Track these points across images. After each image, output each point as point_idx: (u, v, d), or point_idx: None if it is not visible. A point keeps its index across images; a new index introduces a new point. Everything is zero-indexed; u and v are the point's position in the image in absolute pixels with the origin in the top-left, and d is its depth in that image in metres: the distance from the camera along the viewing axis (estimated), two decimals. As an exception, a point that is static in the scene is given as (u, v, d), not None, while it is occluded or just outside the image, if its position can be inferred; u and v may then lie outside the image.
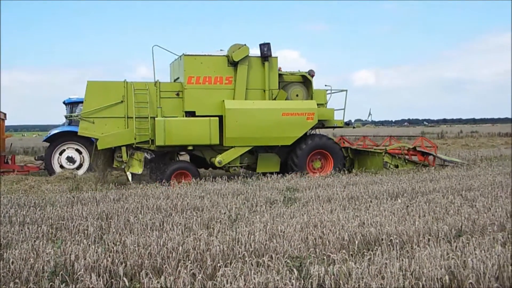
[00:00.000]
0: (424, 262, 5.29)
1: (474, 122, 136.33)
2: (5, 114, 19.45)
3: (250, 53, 14.91)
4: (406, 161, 16.25)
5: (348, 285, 4.92)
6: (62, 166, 18.03)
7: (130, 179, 14.06)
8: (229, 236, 6.80)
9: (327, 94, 16.51)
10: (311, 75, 15.97)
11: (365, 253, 5.97)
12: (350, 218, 7.88)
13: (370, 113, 20.03)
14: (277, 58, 15.37)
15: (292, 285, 4.83)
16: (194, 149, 14.70)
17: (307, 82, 16.02)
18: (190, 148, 14.58)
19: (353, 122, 17.88)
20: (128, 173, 14.19)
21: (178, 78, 15.38)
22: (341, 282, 4.97)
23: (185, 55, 14.60)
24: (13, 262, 5.61)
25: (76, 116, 15.99)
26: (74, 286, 5.11)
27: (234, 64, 14.85)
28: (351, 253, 6.15)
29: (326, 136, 16.40)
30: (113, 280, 5.33)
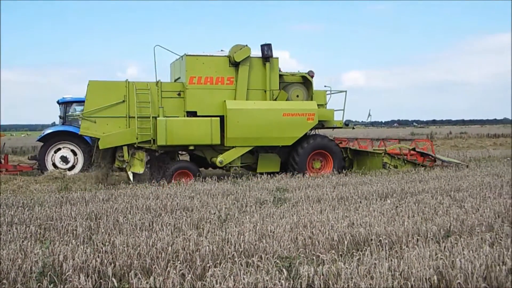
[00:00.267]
0: (412, 262, 5.32)
1: (463, 123, 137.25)
2: None
3: (251, 53, 15.01)
4: (405, 161, 16.37)
5: (337, 285, 4.93)
6: (54, 165, 17.96)
7: (131, 179, 14.05)
8: (218, 236, 6.79)
9: (327, 95, 16.64)
10: (311, 76, 16.08)
11: (354, 253, 5.99)
12: (340, 219, 7.90)
13: (369, 114, 20.17)
14: (278, 59, 15.48)
15: (281, 285, 4.84)
16: (195, 149, 14.76)
17: (307, 83, 16.12)
18: (191, 148, 14.63)
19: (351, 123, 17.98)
20: (129, 172, 14.20)
21: (179, 78, 15.43)
22: (330, 282, 4.98)
23: (186, 55, 14.67)
24: (0, 263, 5.57)
25: (77, 115, 16.00)
26: (62, 286, 5.08)
27: (235, 64, 14.93)
28: (341, 253, 6.18)
29: (327, 136, 16.51)
30: (101, 280, 5.30)
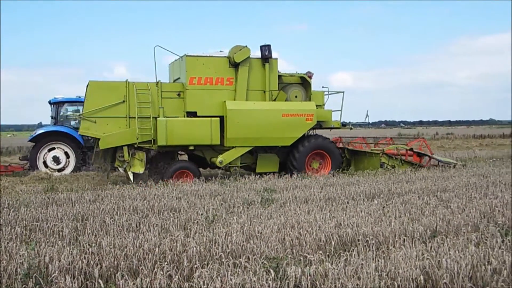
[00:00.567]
0: (399, 263, 5.35)
1: (449, 124, 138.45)
2: None
3: (250, 54, 15.09)
4: (403, 161, 16.49)
5: (324, 285, 4.94)
6: (45, 163, 17.86)
7: (131, 179, 14.01)
8: (206, 237, 6.78)
9: (325, 96, 16.77)
10: (309, 77, 16.19)
11: (341, 253, 6.00)
12: (327, 219, 7.92)
13: (367, 114, 20.25)
14: (277, 59, 15.57)
15: (268, 286, 4.84)
16: (195, 149, 14.80)
17: (306, 84, 16.23)
18: (191, 148, 14.66)
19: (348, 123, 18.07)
20: (129, 172, 14.17)
21: (178, 79, 15.45)
22: (317, 282, 4.99)
23: (186, 56, 14.71)
24: (-15, 264, 5.51)
25: (78, 115, 16.01)
26: (48, 288, 5.04)
27: (235, 65, 15.00)
28: (328, 253, 6.19)
29: (325, 137, 16.59)
30: (88, 282, 5.27)
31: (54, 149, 18.10)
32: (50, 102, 19.48)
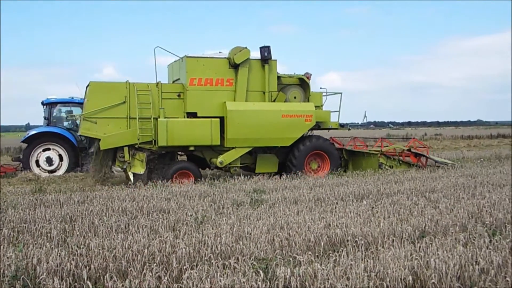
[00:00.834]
0: (388, 263, 5.37)
1: (438, 125, 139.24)
2: None
3: (250, 56, 15.15)
4: (400, 162, 16.59)
5: (313, 286, 4.95)
6: (38, 163, 17.77)
7: (132, 179, 13.98)
8: (195, 238, 6.76)
9: (323, 97, 16.88)
10: (308, 78, 16.28)
11: (330, 254, 6.01)
12: (316, 220, 7.94)
13: (365, 115, 20.41)
14: (276, 61, 15.63)
15: (258, 287, 4.84)
16: (195, 149, 14.83)
17: (304, 84, 16.34)
18: (191, 148, 14.68)
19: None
20: (129, 173, 14.16)
21: (178, 79, 15.47)
22: (306, 283, 5.00)
23: (187, 57, 14.75)
24: (-28, 267, 5.46)
25: (79, 116, 16.02)
26: (35, 290, 5.01)
27: (235, 66, 15.06)
28: (317, 254, 6.20)
29: (325, 138, 16.67)
30: (76, 284, 5.23)
31: (49, 149, 18.02)
32: (43, 103, 19.38)
